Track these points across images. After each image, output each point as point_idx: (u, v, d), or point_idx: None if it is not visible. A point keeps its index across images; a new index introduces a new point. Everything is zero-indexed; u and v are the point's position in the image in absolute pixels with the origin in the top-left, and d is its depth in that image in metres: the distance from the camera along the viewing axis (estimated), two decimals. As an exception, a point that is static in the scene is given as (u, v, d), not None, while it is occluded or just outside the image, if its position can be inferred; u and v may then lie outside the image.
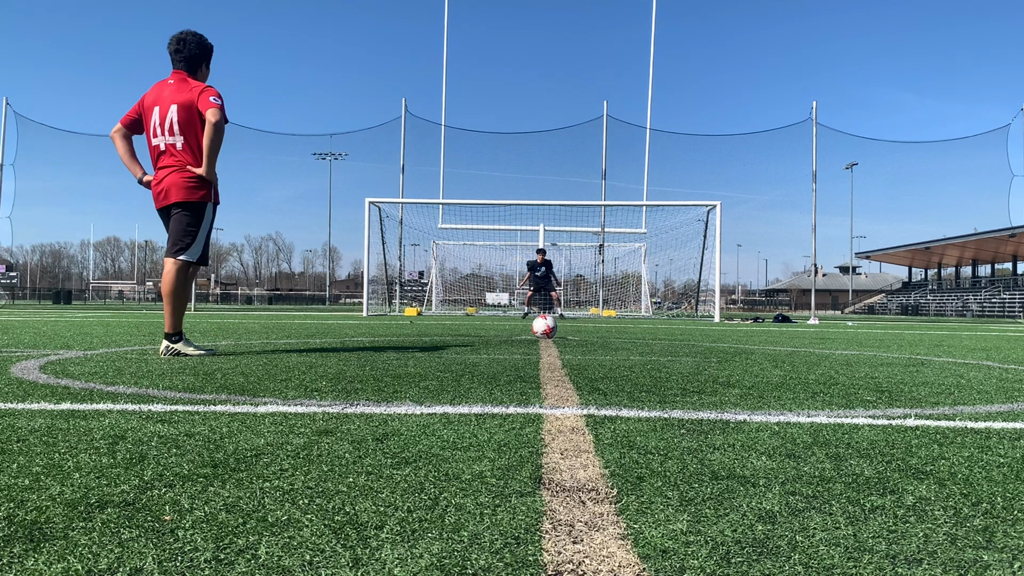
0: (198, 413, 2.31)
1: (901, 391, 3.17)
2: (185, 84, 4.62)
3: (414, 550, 1.10)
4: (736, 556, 1.09)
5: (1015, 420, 2.43)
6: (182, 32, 4.73)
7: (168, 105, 4.57)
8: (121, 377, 3.31)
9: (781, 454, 1.80)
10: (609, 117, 26.52)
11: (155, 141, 4.63)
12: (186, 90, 4.58)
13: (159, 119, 4.58)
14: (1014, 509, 1.37)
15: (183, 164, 4.57)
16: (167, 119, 4.56)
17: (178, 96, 4.57)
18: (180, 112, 4.54)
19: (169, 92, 4.61)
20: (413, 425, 2.13)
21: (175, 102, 4.56)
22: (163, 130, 4.58)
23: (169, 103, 4.57)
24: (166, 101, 4.58)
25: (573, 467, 1.64)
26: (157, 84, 4.73)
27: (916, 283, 68.33)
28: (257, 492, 1.40)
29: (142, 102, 4.72)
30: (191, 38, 4.71)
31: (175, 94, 4.58)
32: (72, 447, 1.78)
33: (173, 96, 4.58)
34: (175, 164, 4.58)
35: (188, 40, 4.69)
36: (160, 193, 4.65)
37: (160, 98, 4.61)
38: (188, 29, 4.74)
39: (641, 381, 3.38)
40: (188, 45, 4.69)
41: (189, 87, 4.60)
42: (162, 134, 4.58)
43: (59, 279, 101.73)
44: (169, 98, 4.58)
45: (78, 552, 1.07)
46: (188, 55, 4.69)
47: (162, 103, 4.59)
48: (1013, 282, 51.46)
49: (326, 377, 3.37)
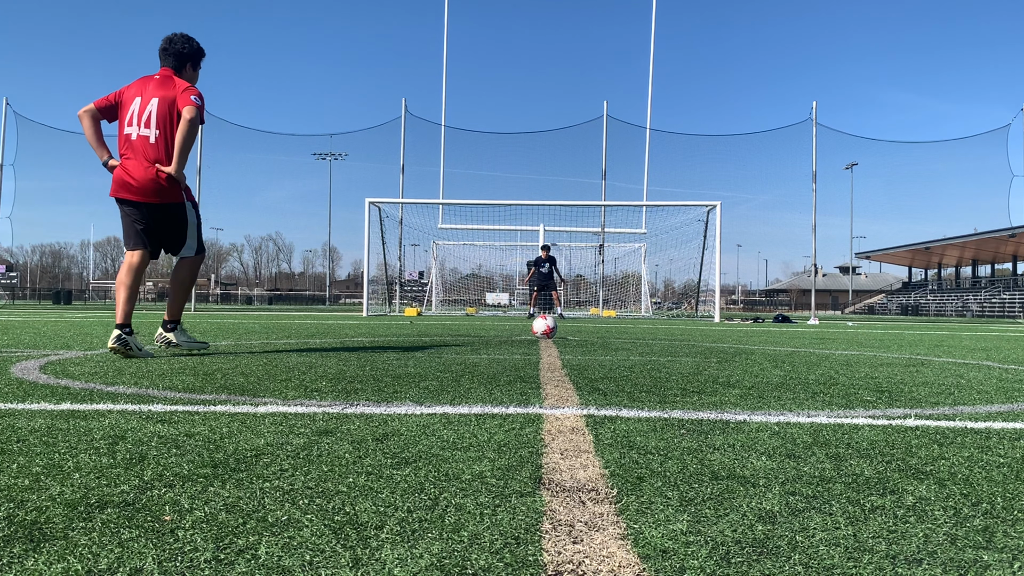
0: (198, 413, 2.31)
1: (901, 391, 3.17)
2: (170, 81, 4.68)
3: (414, 550, 1.10)
4: (736, 556, 1.09)
5: (1015, 420, 2.43)
6: (173, 33, 4.85)
7: (150, 98, 4.62)
8: (121, 377, 3.31)
9: (781, 454, 1.80)
10: (609, 117, 26.52)
11: (128, 130, 4.62)
12: (170, 87, 4.65)
13: (138, 109, 4.61)
14: (1014, 509, 1.37)
15: (152, 159, 4.57)
16: (146, 111, 4.59)
17: (160, 91, 4.63)
18: (160, 106, 4.59)
19: (153, 86, 4.67)
20: (413, 425, 2.13)
21: (156, 96, 4.61)
22: (139, 121, 4.59)
23: (151, 96, 4.62)
24: (148, 94, 4.63)
25: (573, 467, 1.64)
26: (142, 78, 4.78)
27: (916, 283, 68.34)
28: (257, 492, 1.40)
29: (121, 92, 4.74)
30: (178, 37, 4.82)
31: (158, 89, 4.65)
32: (72, 447, 1.78)
33: (156, 91, 4.64)
34: (148, 158, 4.56)
35: (176, 40, 4.81)
36: (125, 184, 4.60)
37: (143, 91, 4.67)
38: (180, 32, 4.87)
39: (641, 381, 3.38)
40: (175, 44, 4.79)
41: (173, 84, 4.66)
42: (137, 125, 4.59)
43: (59, 279, 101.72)
44: (152, 92, 4.64)
45: (78, 552, 1.07)
46: (174, 52, 4.77)
47: (144, 95, 4.64)
48: (1013, 282, 51.47)
49: (326, 377, 3.37)
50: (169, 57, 4.77)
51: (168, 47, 4.78)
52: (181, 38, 4.82)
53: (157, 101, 4.59)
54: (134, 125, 4.60)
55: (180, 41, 4.80)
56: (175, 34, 4.83)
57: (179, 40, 4.80)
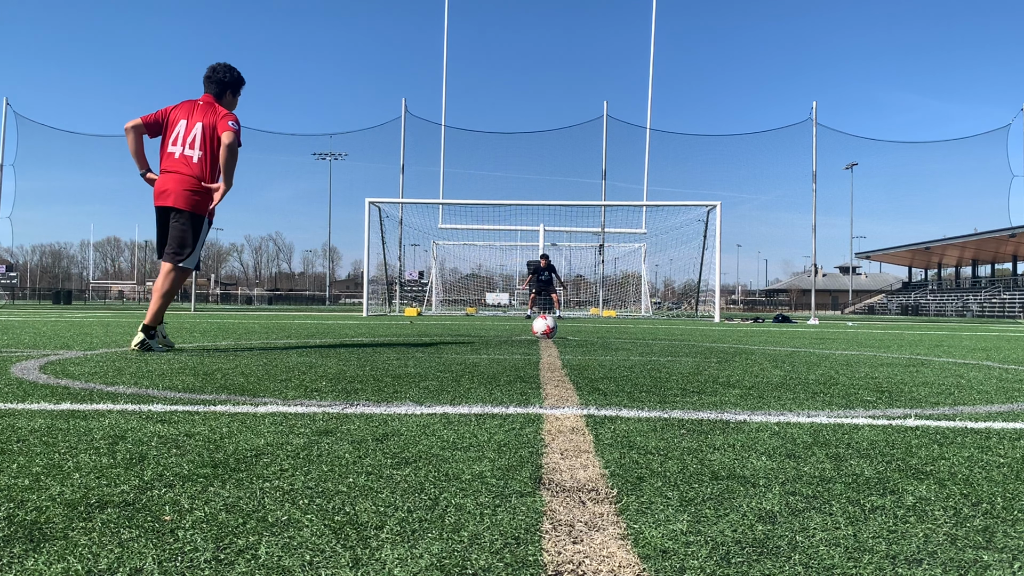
0: (198, 413, 2.31)
1: (901, 391, 3.17)
2: (212, 108, 5.20)
3: (414, 550, 1.10)
4: (736, 556, 1.09)
5: (1015, 420, 2.43)
6: (216, 63, 5.40)
7: (195, 122, 5.15)
8: (121, 377, 3.31)
9: (781, 454, 1.80)
10: (609, 117, 26.53)
11: (172, 148, 5.13)
12: (211, 113, 5.17)
13: (184, 131, 5.13)
14: (1014, 509, 1.37)
15: (194, 175, 5.08)
16: (191, 134, 5.12)
17: (204, 117, 5.16)
18: (204, 130, 5.12)
19: (198, 111, 5.19)
20: (413, 425, 2.13)
21: (201, 121, 5.14)
22: (184, 142, 5.11)
23: (196, 121, 5.15)
24: (194, 119, 5.16)
25: (573, 467, 1.64)
26: (187, 101, 5.28)
27: (916, 283, 68.33)
28: (257, 492, 1.40)
29: (167, 111, 5.24)
30: (221, 67, 5.38)
31: (202, 115, 5.17)
32: (72, 447, 1.78)
33: (200, 116, 5.16)
34: (187, 173, 5.08)
35: (219, 69, 5.35)
36: (163, 192, 5.09)
37: (189, 115, 5.19)
38: (223, 62, 5.43)
39: (641, 381, 3.38)
40: (218, 73, 5.33)
41: (214, 111, 5.18)
42: (182, 145, 5.11)
43: (59, 279, 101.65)
44: (197, 116, 5.17)
45: (78, 552, 1.07)
46: (217, 81, 5.31)
47: (190, 119, 5.16)
48: (1013, 282, 51.46)
49: (326, 377, 3.37)
50: (212, 85, 5.29)
51: (212, 76, 5.31)
52: (224, 68, 5.35)
53: (201, 126, 5.12)
54: (179, 144, 5.12)
55: (223, 71, 5.34)
56: (218, 64, 5.38)
57: (222, 70, 5.34)
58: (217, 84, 5.29)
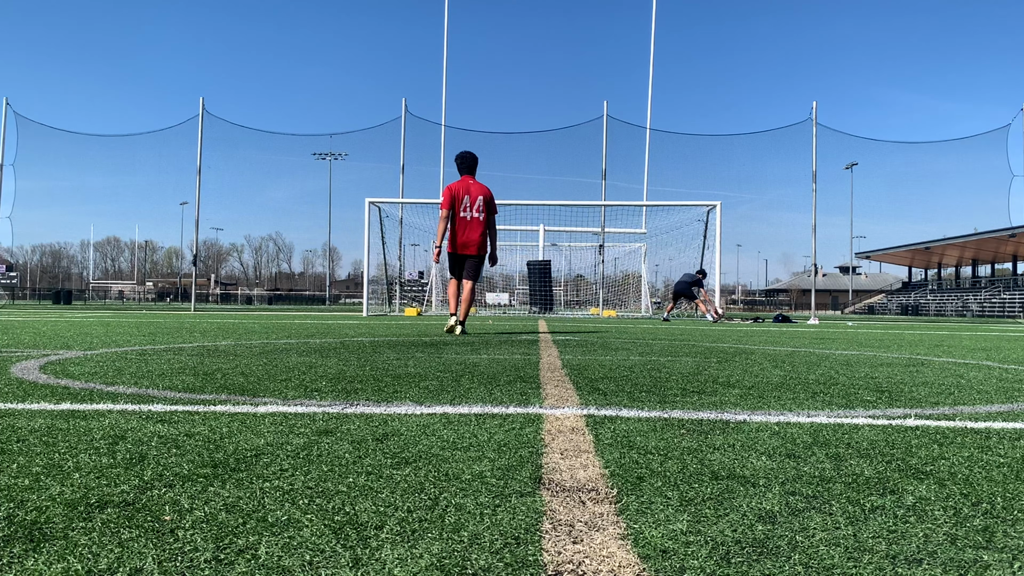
0: (198, 413, 2.31)
1: (901, 391, 3.17)
2: (478, 184, 8.20)
3: (414, 550, 1.10)
4: (736, 556, 1.09)
5: (1015, 420, 2.43)
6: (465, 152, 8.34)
7: (476, 195, 8.13)
8: (121, 377, 3.31)
9: (781, 454, 1.80)
10: (609, 117, 26.51)
11: (463, 214, 8.08)
12: (480, 188, 8.16)
13: (470, 201, 8.09)
14: (1014, 509, 1.37)
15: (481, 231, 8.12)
16: (476, 203, 8.11)
17: (480, 191, 8.14)
18: (484, 202, 8.15)
19: (475, 188, 8.14)
20: (413, 425, 2.13)
21: (481, 195, 8.14)
22: (472, 208, 8.10)
23: (477, 194, 8.13)
24: (475, 193, 8.12)
25: (573, 467, 1.64)
26: (461, 180, 8.18)
27: (916, 283, 68.32)
28: (257, 492, 1.40)
29: (453, 191, 8.08)
30: (469, 155, 8.32)
31: (478, 190, 8.14)
32: (72, 447, 1.78)
33: (478, 191, 8.14)
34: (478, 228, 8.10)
35: (467, 156, 8.30)
36: (465, 244, 8.09)
37: (468, 191, 8.11)
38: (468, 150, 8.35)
39: (641, 381, 3.38)
40: (467, 160, 8.29)
41: (480, 186, 8.18)
42: (470, 210, 8.09)
43: (59, 279, 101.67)
44: (476, 192, 8.13)
45: (78, 552, 1.07)
46: (469, 164, 8.29)
47: (472, 194, 8.10)
48: (1013, 282, 51.46)
49: (326, 377, 3.37)
50: (466, 169, 8.28)
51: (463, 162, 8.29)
52: (471, 155, 8.30)
53: (482, 198, 8.14)
54: (467, 211, 8.09)
55: (471, 157, 8.31)
56: (466, 152, 8.33)
57: (470, 157, 8.30)
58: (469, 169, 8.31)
